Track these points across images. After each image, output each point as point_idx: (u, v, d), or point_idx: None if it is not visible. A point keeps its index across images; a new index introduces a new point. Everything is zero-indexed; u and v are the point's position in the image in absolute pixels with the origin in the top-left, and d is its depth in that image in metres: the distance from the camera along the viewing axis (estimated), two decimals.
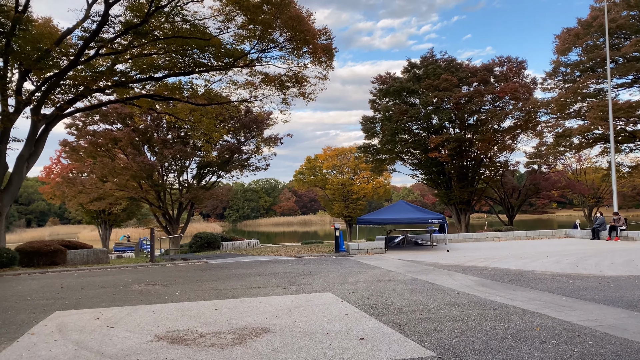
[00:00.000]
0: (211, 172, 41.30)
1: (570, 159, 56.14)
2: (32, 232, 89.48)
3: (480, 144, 41.53)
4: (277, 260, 18.24)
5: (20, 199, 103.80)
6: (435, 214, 20.81)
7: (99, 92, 19.28)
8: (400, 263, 16.43)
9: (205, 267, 16.58)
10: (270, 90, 24.29)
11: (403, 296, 10.30)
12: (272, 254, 21.00)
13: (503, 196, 51.47)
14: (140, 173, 35.98)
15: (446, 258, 17.67)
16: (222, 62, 20.66)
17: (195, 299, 10.54)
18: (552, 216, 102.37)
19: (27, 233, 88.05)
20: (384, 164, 45.84)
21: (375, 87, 44.19)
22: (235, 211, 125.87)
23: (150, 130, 38.55)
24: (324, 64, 21.48)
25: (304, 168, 59.90)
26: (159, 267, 17.04)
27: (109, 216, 55.22)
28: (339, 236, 19.96)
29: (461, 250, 20.34)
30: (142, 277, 14.54)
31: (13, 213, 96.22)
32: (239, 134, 39.84)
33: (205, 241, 28.85)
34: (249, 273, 14.65)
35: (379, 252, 19.44)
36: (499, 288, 11.10)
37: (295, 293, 11.00)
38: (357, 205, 57.46)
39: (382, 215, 20.08)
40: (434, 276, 13.19)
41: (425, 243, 22.64)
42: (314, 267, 15.71)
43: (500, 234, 24.56)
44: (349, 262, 17.14)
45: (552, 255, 17.56)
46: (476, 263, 15.96)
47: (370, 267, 15.53)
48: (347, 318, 8.35)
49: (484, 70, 41.80)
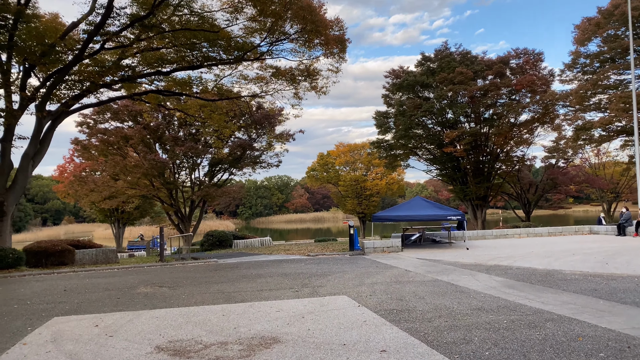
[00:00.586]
0: (223, 170, 40.74)
1: (589, 153, 54.70)
2: (48, 231, 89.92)
3: (497, 139, 40.44)
4: (289, 260, 17.54)
5: (36, 197, 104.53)
6: (453, 210, 19.97)
7: (105, 87, 18.71)
8: (419, 262, 15.63)
9: (215, 268, 15.94)
10: (282, 85, 23.59)
11: (425, 300, 9.53)
12: (284, 253, 20.32)
13: (520, 191, 50.27)
14: (151, 171, 35.52)
15: (466, 256, 16.83)
16: (231, 55, 19.99)
17: (202, 303, 9.86)
18: (569, 211, 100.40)
19: (43, 232, 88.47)
20: (398, 159, 44.93)
21: (388, 82, 43.29)
22: (248, 208, 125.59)
23: (161, 128, 38.05)
24: (337, 56, 20.71)
25: (316, 164, 59.18)
26: (168, 268, 16.44)
27: (122, 214, 55.07)
28: (353, 234, 19.20)
29: (481, 248, 19.47)
30: (149, 278, 13.92)
31: (29, 212, 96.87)
32: (251, 130, 39.21)
33: (217, 239, 28.25)
34: (260, 274, 13.96)
35: (395, 251, 18.66)
36: (528, 290, 10.27)
37: (308, 296, 10.28)
38: (371, 202, 56.62)
39: (398, 212, 19.28)
40: (455, 277, 12.39)
41: (443, 241, 21.80)
42: (327, 267, 14.99)
43: (521, 231, 23.63)
44: (364, 261, 16.39)
45: (578, 253, 16.64)
46: (499, 262, 15.11)
47: (387, 266, 14.76)
48: (365, 326, 7.60)
49: (499, 62, 40.66)
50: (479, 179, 41.90)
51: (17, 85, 16.95)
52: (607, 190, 54.96)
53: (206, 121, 25.02)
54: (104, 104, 20.11)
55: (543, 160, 52.20)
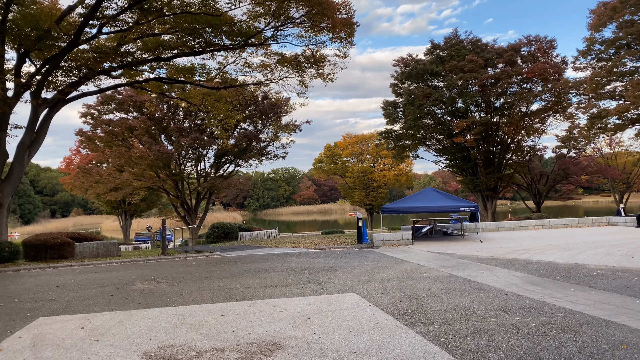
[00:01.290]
0: (229, 161, 39.97)
1: (601, 143, 53.41)
2: (56, 223, 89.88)
3: (508, 128, 39.35)
4: (295, 253, 16.76)
5: (45, 190, 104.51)
6: (467, 201, 19.07)
7: (104, 74, 17.94)
8: (431, 256, 14.78)
9: (218, 262, 15.17)
10: (287, 72, 22.71)
11: (441, 298, 8.70)
12: (290, 246, 19.53)
13: (530, 182, 49.29)
14: (156, 162, 34.83)
15: (481, 250, 15.97)
16: (234, 40, 19.11)
17: (200, 301, 9.09)
18: (578, 202, 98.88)
19: (52, 224, 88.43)
20: (406, 150, 43.91)
21: (396, 71, 42.21)
22: (256, 200, 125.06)
23: (166, 119, 37.31)
24: (344, 40, 19.77)
25: (324, 156, 58.30)
26: (169, 262, 15.71)
27: (129, 206, 54.60)
28: (361, 226, 18.36)
29: (495, 240, 18.58)
30: (148, 273, 13.19)
31: (38, 204, 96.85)
32: (256, 121, 38.36)
33: (223, 232, 27.54)
34: (264, 268, 13.18)
35: (405, 244, 17.81)
36: (553, 287, 9.41)
37: (314, 294, 9.48)
38: (378, 194, 55.74)
39: (409, 204, 18.40)
40: (472, 272, 11.54)
41: (454, 233, 20.93)
42: (335, 262, 14.18)
43: (535, 222, 22.68)
44: (373, 255, 15.56)
45: (599, 246, 15.72)
46: (516, 255, 14.24)
47: (398, 261, 13.93)
48: (377, 329, 6.79)
49: (511, 50, 39.43)
50: (490, 169, 40.88)
51: (11, 72, 16.23)
52: (619, 181, 53.74)
53: (210, 111, 24.18)
54: (103, 91, 19.36)
55: (554, 151, 51.01)
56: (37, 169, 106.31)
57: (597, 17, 31.29)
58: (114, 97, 36.49)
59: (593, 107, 32.44)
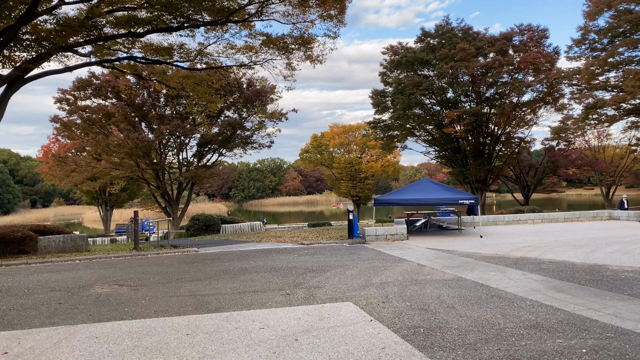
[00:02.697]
0: (212, 150, 38.02)
1: (589, 136, 52.48)
2: (37, 213, 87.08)
3: (499, 119, 38.03)
4: (280, 249, 15.10)
5: (25, 179, 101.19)
6: (466, 194, 17.56)
7: (69, 50, 16.00)
8: (431, 254, 13.23)
9: (194, 259, 13.44)
10: (273, 54, 20.91)
11: (456, 310, 7.13)
12: (275, 241, 17.84)
13: (519, 174, 48.21)
14: (136, 151, 32.79)
15: (483, 246, 14.48)
16: (215, 17, 17.26)
17: (164, 313, 7.41)
18: (562, 195, 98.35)
19: (32, 214, 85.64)
20: (395, 140, 42.40)
21: (385, 59, 40.56)
22: (241, 191, 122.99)
23: (147, 106, 35.26)
24: (335, 19, 18.01)
25: (310, 146, 56.59)
26: (139, 259, 13.95)
27: (109, 197, 52.47)
28: (352, 220, 16.76)
29: (495, 235, 17.12)
30: (112, 273, 11.44)
31: (17, 194, 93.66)
32: (241, 109, 36.48)
33: (204, 224, 25.77)
34: (245, 268, 11.50)
35: (400, 239, 16.28)
36: (583, 294, 7.90)
37: (303, 302, 7.85)
38: (365, 185, 54.26)
39: (404, 196, 16.83)
40: (481, 274, 10.01)
41: (450, 227, 19.45)
42: (325, 260, 12.56)
43: (535, 216, 21.29)
44: (367, 251, 13.97)
45: (612, 243, 14.31)
46: (524, 253, 12.76)
47: (396, 259, 12.35)
48: (385, 356, 5.19)
49: (503, 39, 37.99)
50: (479, 160, 39.60)
51: None
52: (606, 174, 52.95)
53: (191, 95, 22.31)
54: (70, 70, 17.42)
55: (543, 143, 49.96)
56: (17, 158, 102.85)
57: (594, 4, 29.93)
58: (90, 82, 34.33)
59: (589, 97, 31.15)
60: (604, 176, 53.93)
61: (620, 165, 52.72)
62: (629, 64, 29.86)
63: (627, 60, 29.93)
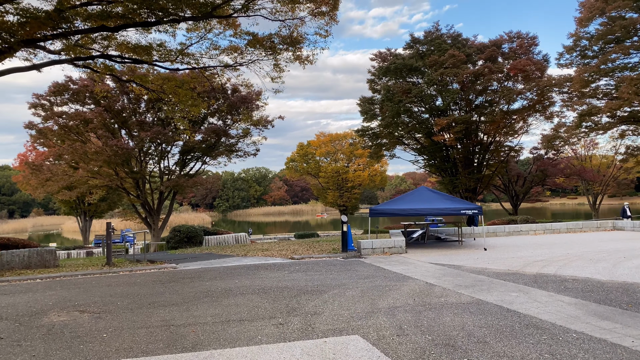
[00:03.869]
0: (195, 158, 36.37)
1: (576, 145, 51.99)
2: (14, 224, 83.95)
3: (489, 127, 37.09)
4: (268, 265, 13.56)
5: (3, 189, 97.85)
6: (468, 203, 16.26)
7: (34, 45, 14.45)
8: (436, 270, 11.83)
9: (171, 278, 11.84)
10: (259, 56, 19.52)
11: (489, 345, 5.73)
12: (262, 254, 16.30)
13: (507, 183, 47.44)
14: (114, 158, 31.01)
15: (491, 261, 13.14)
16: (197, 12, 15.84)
17: (127, 353, 5.88)
18: (546, 204, 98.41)
19: (9, 225, 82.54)
20: (383, 149, 41.23)
21: (373, 66, 39.52)
22: (225, 201, 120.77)
23: (127, 112, 33.56)
24: (327, 16, 16.71)
25: (296, 155, 55.18)
26: (109, 277, 12.33)
27: (88, 207, 50.40)
28: (346, 232, 15.33)
29: (500, 248, 15.82)
30: (75, 295, 9.83)
31: None
32: (226, 116, 34.96)
33: (185, 235, 24.11)
34: (229, 289, 9.97)
35: (398, 252, 14.89)
36: (634, 323, 6.57)
37: (300, 336, 6.37)
38: (352, 194, 53.01)
39: (401, 205, 15.45)
40: (502, 295, 8.64)
41: (449, 239, 18.12)
42: (320, 278, 11.09)
43: (536, 227, 20.10)
44: (365, 267, 12.53)
45: (630, 257, 13.06)
46: (539, 269, 11.44)
47: (399, 277, 10.92)
48: None
49: (492, 46, 37.22)
50: (469, 169, 38.61)
51: None
52: (594, 183, 52.45)
53: (170, 98, 20.77)
54: (37, 68, 15.82)
55: (531, 152, 49.33)
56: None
57: (587, 9, 29.16)
58: (67, 86, 32.54)
59: (583, 104, 30.26)
60: (591, 185, 53.48)
61: (607, 174, 52.35)
62: (623, 70, 29.11)
63: (621, 66, 29.18)
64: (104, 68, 17.65)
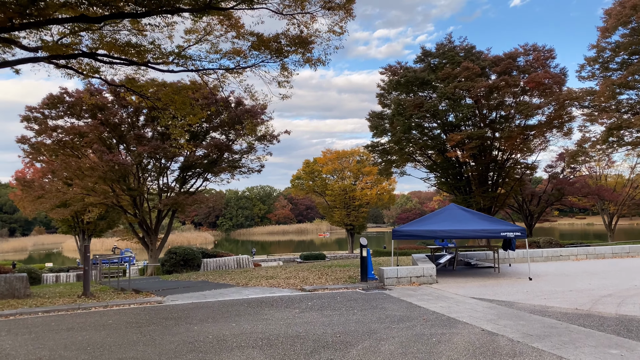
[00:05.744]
0: (196, 175, 34.02)
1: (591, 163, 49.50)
2: (14, 242, 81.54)
3: (505, 143, 34.73)
4: (274, 300, 11.01)
5: (5, 207, 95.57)
6: (509, 224, 13.79)
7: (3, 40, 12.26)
8: (485, 309, 9.29)
9: (151, 318, 9.31)
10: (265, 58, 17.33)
11: None
12: (266, 283, 13.74)
13: (521, 202, 44.96)
14: (109, 174, 28.72)
15: (545, 295, 10.60)
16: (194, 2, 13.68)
17: None
18: (554, 224, 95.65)
19: (9, 243, 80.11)
20: (394, 165, 38.91)
21: (383, 79, 37.42)
22: (229, 219, 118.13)
23: (126, 125, 31.37)
24: (342, 10, 14.52)
25: (302, 172, 52.85)
26: (76, 315, 9.81)
27: (87, 225, 47.95)
28: (366, 257, 12.83)
29: (547, 277, 13.26)
30: (18, 347, 7.33)
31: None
32: (229, 130, 32.69)
33: (182, 258, 21.61)
34: (223, 338, 7.46)
35: (428, 282, 12.37)
36: None
37: None
38: (360, 213, 50.48)
39: (430, 226, 12.94)
40: (598, 354, 6.13)
41: (480, 264, 15.60)
42: (341, 321, 8.57)
43: (578, 251, 17.52)
44: (394, 304, 9.99)
45: None
46: (615, 308, 8.91)
47: (443, 320, 8.39)
48: None
49: (508, 58, 35.02)
50: (484, 187, 36.16)
51: None
52: (609, 202, 49.87)
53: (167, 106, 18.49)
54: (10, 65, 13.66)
55: (546, 170, 47.00)
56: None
57: (614, 17, 26.99)
58: (62, 98, 30.47)
59: (611, 117, 27.89)
60: (607, 205, 50.95)
61: (623, 193, 49.85)
62: None
63: None
64: (89, 69, 15.44)
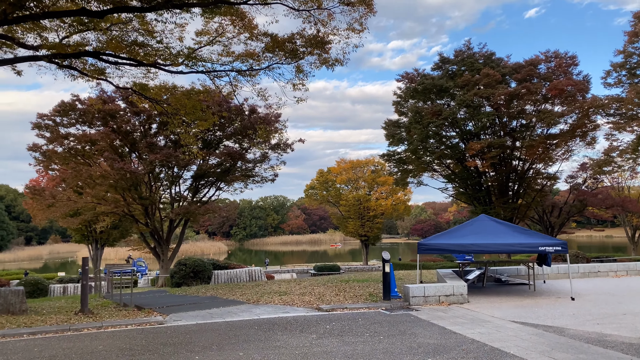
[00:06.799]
0: (209, 184, 33.05)
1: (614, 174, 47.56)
2: (30, 251, 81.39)
3: (527, 153, 33.21)
4: (288, 322, 9.77)
5: (22, 215, 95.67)
6: (548, 237, 12.43)
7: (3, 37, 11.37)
8: (532, 336, 7.94)
9: (147, 344, 8.12)
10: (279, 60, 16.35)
11: None
12: (279, 301, 12.50)
13: (542, 214, 43.15)
14: (121, 183, 27.87)
15: (595, 318, 9.21)
16: None
17: None
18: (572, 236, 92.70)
19: (25, 251, 79.95)
20: (410, 175, 37.57)
21: (400, 87, 36.28)
22: (242, 229, 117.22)
23: (138, 133, 30.54)
24: (362, 5, 13.43)
25: (316, 182, 51.71)
26: (62, 340, 8.63)
27: (100, 234, 47.19)
28: (389, 273, 11.55)
29: (588, 296, 11.85)
30: None
31: (12, 230, 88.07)
32: (242, 139, 31.67)
33: (192, 270, 20.49)
34: None
35: (458, 301, 11.04)
36: None
37: None
38: (375, 224, 49.05)
39: (460, 240, 11.57)
40: None
41: (512, 281, 14.21)
42: (365, 350, 7.30)
43: (617, 267, 16.02)
44: (423, 329, 8.69)
45: None
46: None
47: (485, 351, 7.07)
48: None
49: (529, 65, 33.64)
50: (505, 198, 34.64)
51: None
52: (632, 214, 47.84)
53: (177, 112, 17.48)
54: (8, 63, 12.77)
55: (567, 180, 45.22)
56: (15, 194, 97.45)
57: None
58: (74, 105, 29.79)
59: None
60: (630, 217, 48.98)
61: None
62: None
63: None
64: (94, 71, 14.51)
